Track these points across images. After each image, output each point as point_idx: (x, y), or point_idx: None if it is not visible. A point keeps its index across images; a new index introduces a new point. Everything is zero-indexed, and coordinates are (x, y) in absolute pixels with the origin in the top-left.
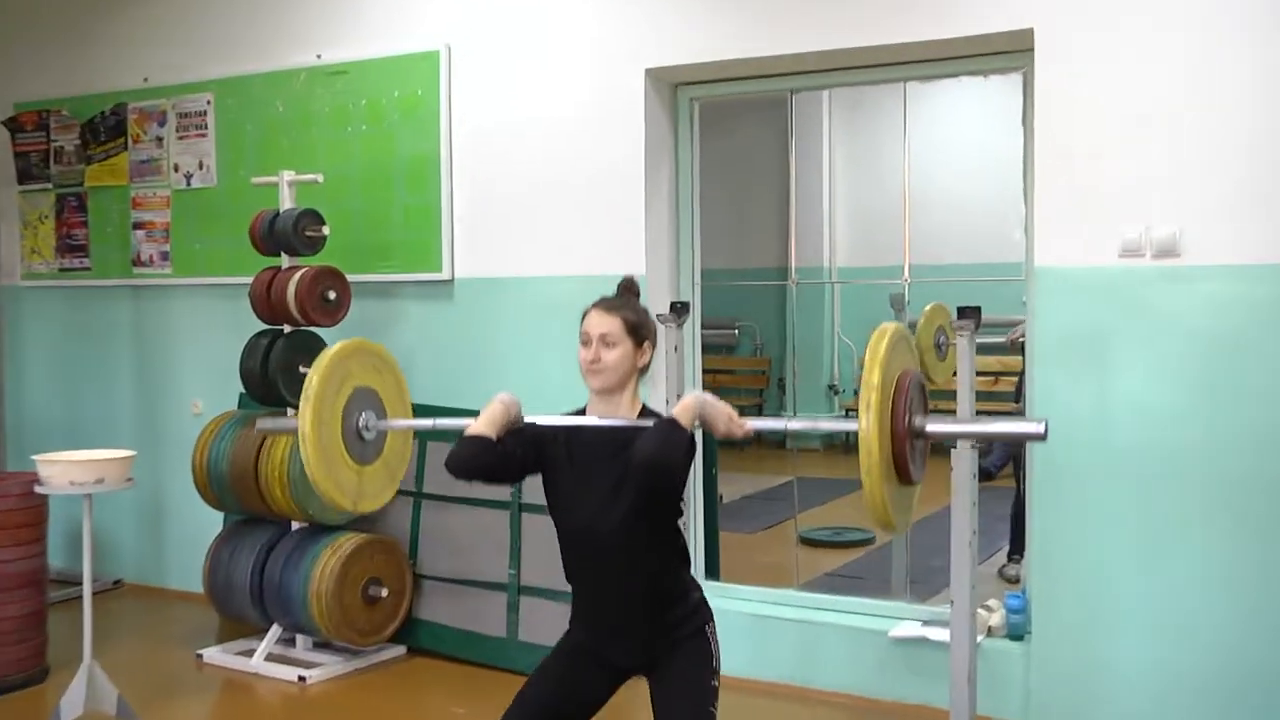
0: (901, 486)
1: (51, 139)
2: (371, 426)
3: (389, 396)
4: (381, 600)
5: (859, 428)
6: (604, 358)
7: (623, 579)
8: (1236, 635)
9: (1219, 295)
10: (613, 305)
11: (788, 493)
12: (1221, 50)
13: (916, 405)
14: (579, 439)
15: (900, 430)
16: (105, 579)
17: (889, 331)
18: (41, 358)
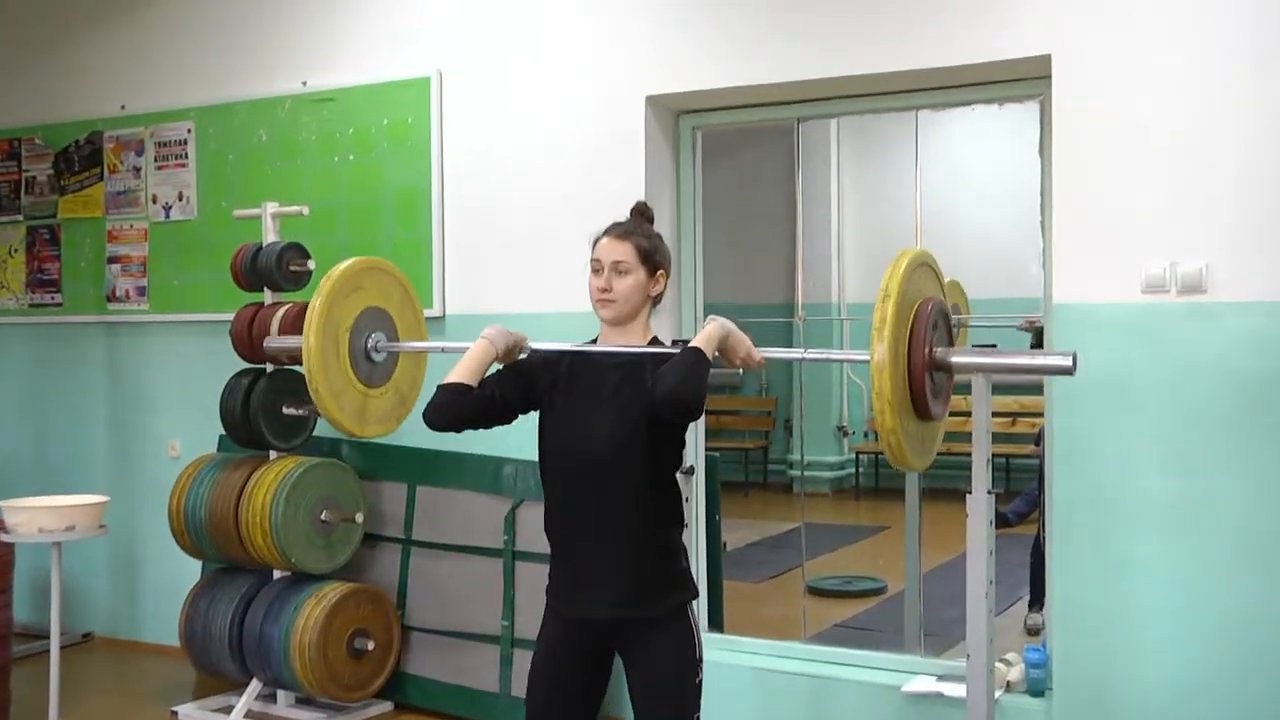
0: (920, 422)
1: (23, 168)
2: (381, 348)
3: (403, 321)
4: (368, 653)
5: (871, 357)
6: (616, 287)
7: (611, 511)
8: (1269, 694)
9: (1250, 333)
10: (625, 231)
11: (795, 540)
12: (1250, 77)
13: (939, 336)
14: (585, 364)
15: (918, 360)
16: (74, 632)
17: (909, 255)
18: (9, 398)
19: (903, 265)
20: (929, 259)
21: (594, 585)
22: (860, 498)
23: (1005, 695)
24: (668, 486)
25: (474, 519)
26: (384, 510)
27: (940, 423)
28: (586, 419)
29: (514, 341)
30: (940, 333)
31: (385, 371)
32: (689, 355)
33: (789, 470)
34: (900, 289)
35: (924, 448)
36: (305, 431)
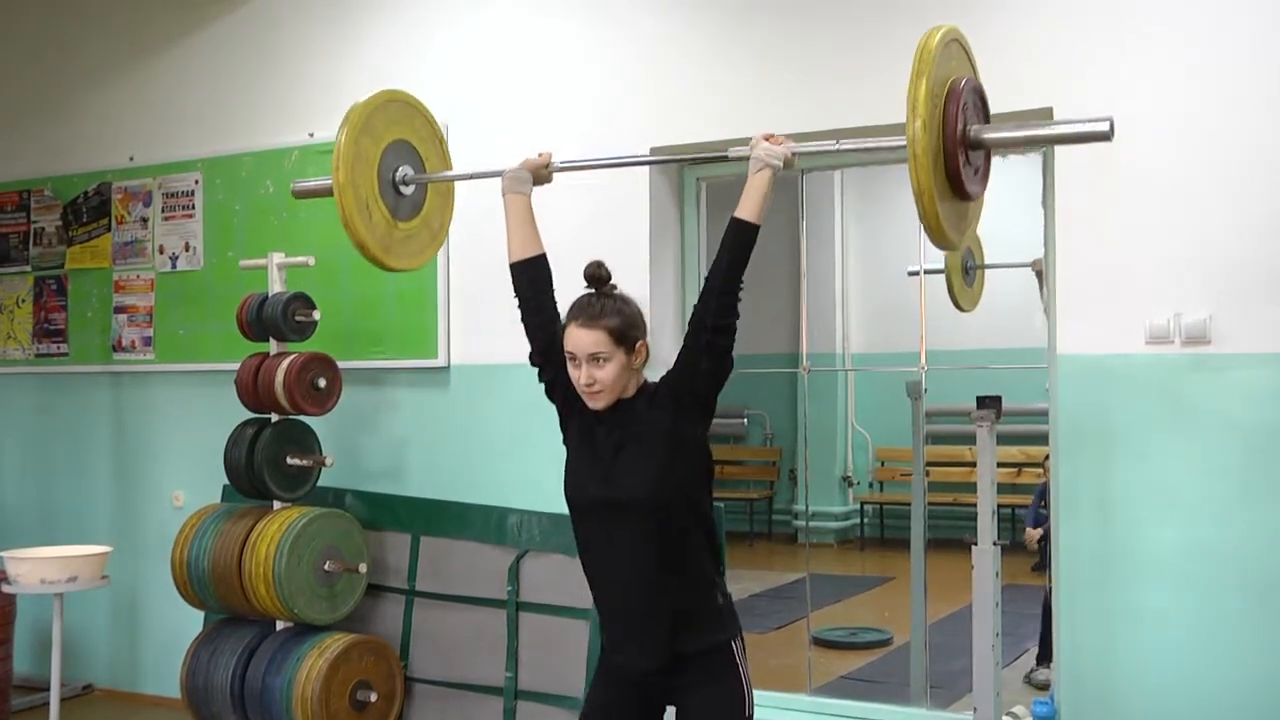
0: (957, 202)
1: (31, 219)
2: (409, 180)
3: (428, 153)
4: (370, 705)
5: (906, 134)
6: (598, 378)
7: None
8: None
9: (1255, 385)
10: (591, 316)
11: (800, 590)
12: (1252, 127)
13: (973, 112)
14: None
15: (953, 135)
16: (75, 684)
17: (941, 30)
18: (13, 448)
19: (934, 40)
20: (959, 35)
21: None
22: (865, 548)
23: None
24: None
25: (478, 570)
26: (387, 561)
27: (976, 204)
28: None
29: (530, 171)
30: (974, 109)
31: (414, 206)
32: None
33: (794, 520)
34: (932, 67)
35: (959, 224)
36: (309, 482)
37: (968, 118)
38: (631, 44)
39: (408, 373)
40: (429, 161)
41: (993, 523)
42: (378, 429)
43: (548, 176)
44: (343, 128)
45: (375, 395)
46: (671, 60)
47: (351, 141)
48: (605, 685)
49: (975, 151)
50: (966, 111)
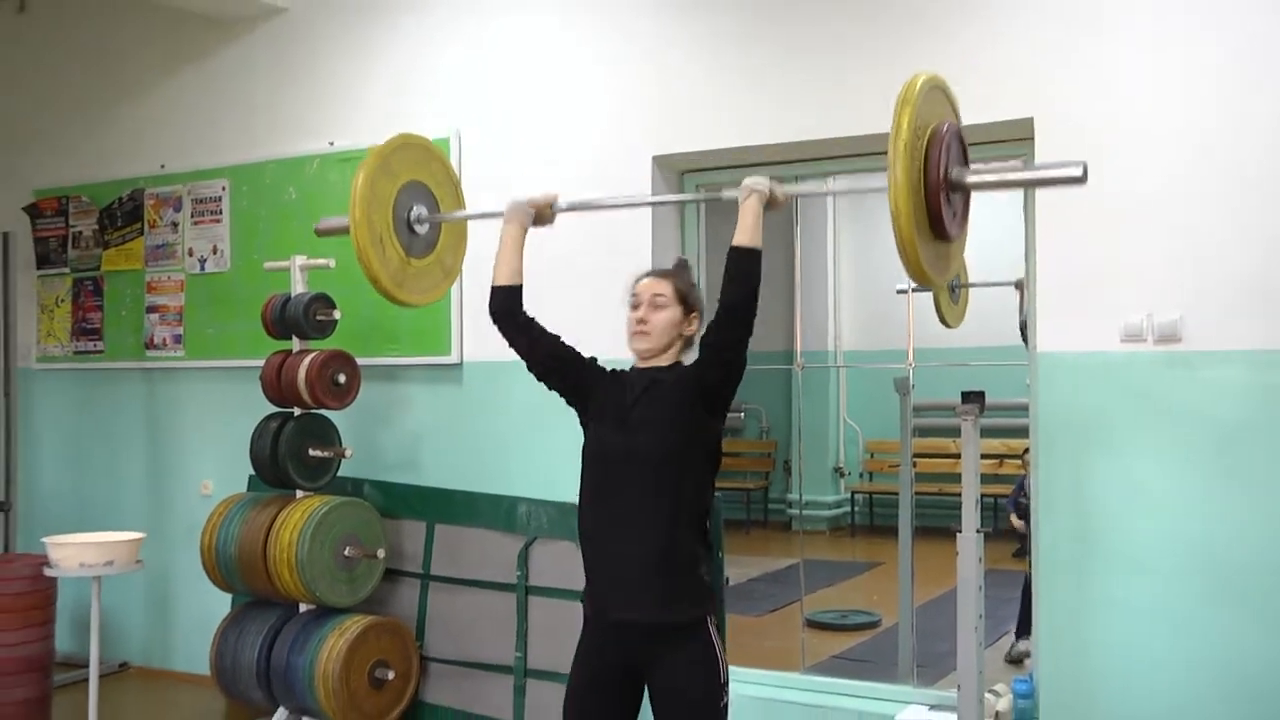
0: (938, 242)
1: (70, 224)
2: (423, 220)
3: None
4: (388, 683)
5: (887, 179)
6: (651, 319)
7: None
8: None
9: (1224, 381)
10: (666, 272)
11: (794, 575)
12: (1222, 137)
13: (955, 156)
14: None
15: (933, 180)
16: (111, 662)
17: (921, 78)
18: (54, 439)
19: (916, 88)
20: (941, 82)
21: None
22: (856, 535)
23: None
24: (703, 489)
25: (489, 555)
26: (404, 547)
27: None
28: (627, 420)
29: (536, 209)
30: (955, 154)
31: (427, 244)
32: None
33: (788, 509)
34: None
35: (940, 265)
36: (330, 472)
37: (949, 161)
38: (635, 56)
39: (422, 369)
40: (444, 203)
41: (976, 511)
42: (394, 423)
43: (551, 217)
44: (360, 169)
45: (392, 390)
46: (673, 71)
47: (369, 182)
48: (585, 663)
49: (955, 194)
50: (948, 155)
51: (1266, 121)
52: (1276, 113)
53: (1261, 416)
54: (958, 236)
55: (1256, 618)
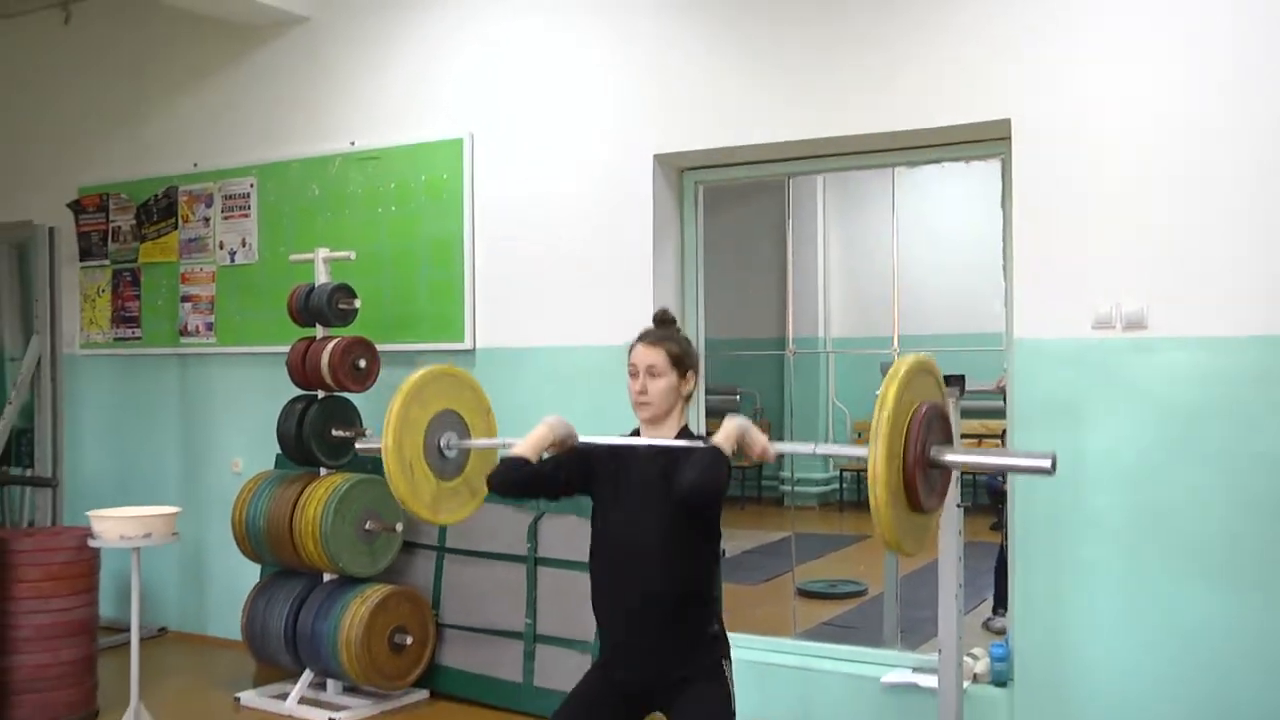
0: (914, 514)
1: (110, 219)
2: (453, 445)
3: (474, 421)
4: (406, 648)
5: (869, 454)
6: (650, 390)
7: (650, 587)
8: (1207, 684)
9: (1185, 365)
10: (657, 338)
11: (786, 548)
12: (1186, 140)
13: (935, 435)
14: (630, 456)
15: (912, 458)
16: (151, 627)
17: (906, 364)
18: (96, 421)
19: (898, 378)
20: (928, 364)
21: (634, 655)
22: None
23: (972, 686)
24: (703, 564)
25: (500, 529)
26: (420, 521)
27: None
28: (634, 507)
29: (567, 433)
30: (935, 433)
31: (458, 466)
32: (708, 453)
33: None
34: (895, 401)
35: (918, 536)
36: (351, 451)
37: (928, 440)
38: (637, 58)
39: (438, 355)
40: (474, 429)
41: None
42: None
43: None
44: (396, 396)
45: (409, 374)
46: (673, 73)
47: (403, 408)
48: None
49: (934, 470)
50: (929, 434)
51: (1227, 124)
52: (1236, 116)
53: (1217, 397)
54: (934, 509)
55: (1212, 582)
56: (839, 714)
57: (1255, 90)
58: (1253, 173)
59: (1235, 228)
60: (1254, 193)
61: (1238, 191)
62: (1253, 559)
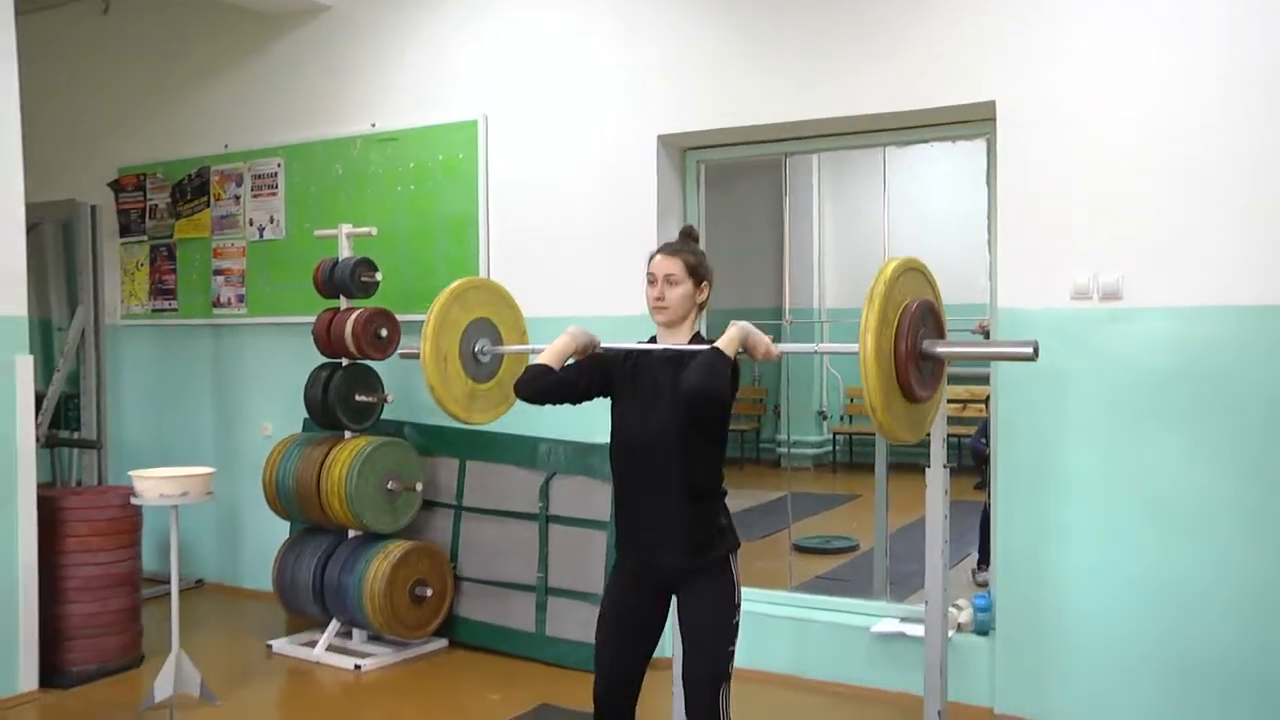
0: (910, 403)
1: (147, 198)
2: (486, 350)
3: (507, 328)
4: (426, 600)
5: (859, 346)
6: (667, 296)
7: (665, 479)
8: (1177, 633)
9: (1158, 334)
10: (676, 249)
11: (782, 506)
12: (1159, 122)
13: (926, 330)
14: (645, 361)
15: (903, 351)
16: (189, 579)
17: (895, 261)
18: (137, 387)
19: (889, 270)
20: (918, 264)
21: (653, 540)
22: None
23: (956, 634)
24: (712, 461)
25: (514, 489)
26: (439, 481)
27: (930, 403)
28: (647, 408)
29: (589, 341)
30: (928, 327)
31: (491, 370)
32: (709, 355)
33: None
34: (884, 294)
35: (913, 423)
36: (374, 415)
37: (919, 335)
38: (641, 41)
39: None
40: (505, 331)
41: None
42: None
43: (587, 352)
44: (438, 299)
45: None
46: (677, 58)
47: (443, 308)
48: (622, 577)
49: (926, 361)
50: (920, 328)
51: (1201, 110)
52: (1211, 97)
53: (1187, 363)
54: (928, 399)
55: (1182, 537)
56: (832, 661)
57: (1228, 79)
58: (1224, 155)
59: (1205, 206)
60: (1223, 174)
61: (1209, 172)
62: (1221, 515)
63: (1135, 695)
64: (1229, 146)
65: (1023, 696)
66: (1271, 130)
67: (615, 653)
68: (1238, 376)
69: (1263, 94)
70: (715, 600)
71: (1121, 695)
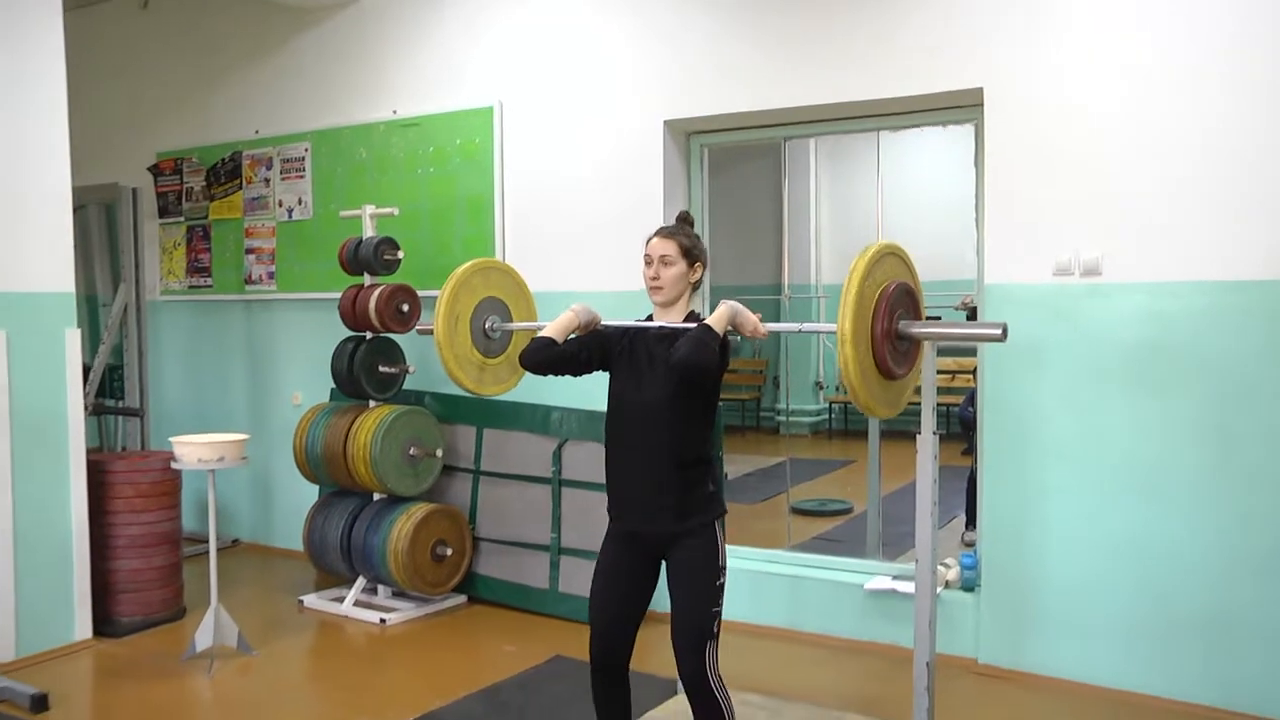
0: (886, 380)
1: (184, 181)
2: (496, 327)
3: (516, 305)
4: (446, 558)
5: (837, 324)
6: (662, 275)
7: (656, 447)
8: (1149, 587)
9: (1134, 308)
10: (671, 232)
11: (781, 471)
12: (1137, 106)
13: (903, 311)
14: (641, 337)
15: (879, 330)
16: (225, 538)
17: (875, 246)
18: (175, 359)
19: (868, 255)
20: (897, 249)
21: (643, 505)
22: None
23: (945, 591)
24: (701, 430)
25: (529, 454)
26: (458, 447)
27: (907, 380)
28: (641, 380)
29: (592, 318)
30: (904, 308)
31: (501, 345)
32: (699, 330)
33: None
34: (862, 277)
35: (890, 399)
36: (396, 385)
37: (895, 316)
38: (650, 33)
39: None
40: (516, 313)
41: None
42: None
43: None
44: (447, 284)
45: None
46: (683, 47)
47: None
48: (614, 542)
49: (902, 340)
50: (895, 310)
51: (1176, 96)
52: (1184, 86)
53: (1163, 336)
54: (903, 376)
55: (1154, 497)
56: (827, 616)
57: (1198, 74)
58: (1198, 140)
59: (1180, 187)
60: (1198, 159)
61: (1184, 155)
62: (1188, 476)
63: (1111, 647)
64: (1200, 133)
65: (1005, 648)
66: (1238, 120)
67: (607, 613)
68: (1204, 347)
69: (1231, 87)
70: (701, 563)
71: (1097, 646)
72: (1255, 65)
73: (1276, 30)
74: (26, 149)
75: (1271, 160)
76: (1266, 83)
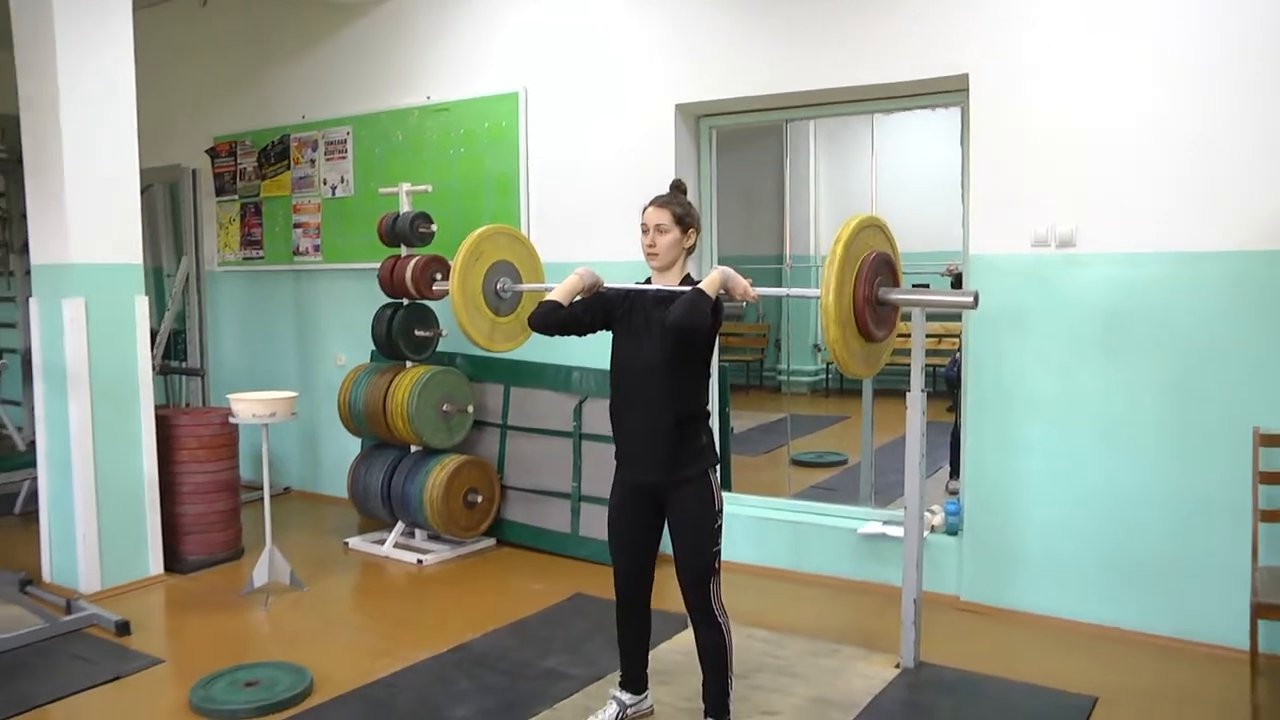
0: (866, 342)
1: (238, 162)
2: (507, 288)
3: (525, 268)
4: (477, 504)
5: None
6: (658, 243)
7: (654, 402)
8: (1120, 535)
9: (1106, 277)
10: (665, 201)
11: (782, 426)
12: (1112, 90)
13: (882, 279)
14: (640, 299)
15: (860, 296)
16: (278, 486)
17: (857, 218)
18: (231, 324)
19: (850, 226)
20: (878, 221)
21: (643, 456)
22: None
23: (931, 535)
24: (696, 387)
25: (552, 410)
26: (487, 404)
27: (885, 343)
28: (639, 340)
29: (595, 281)
30: (884, 276)
31: (511, 305)
32: (693, 294)
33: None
34: (845, 247)
35: (869, 360)
36: (430, 348)
37: (875, 283)
38: (663, 23)
39: None
40: (525, 276)
41: (921, 376)
42: None
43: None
44: (461, 248)
45: None
46: (694, 35)
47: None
48: (621, 490)
49: (882, 306)
50: (875, 278)
51: (1147, 80)
52: (1152, 74)
53: (1131, 303)
54: (883, 339)
55: (1123, 450)
56: (824, 558)
57: (1169, 57)
58: (1171, 123)
59: (1147, 167)
60: (1164, 141)
61: (1152, 137)
62: (1160, 433)
63: (1081, 585)
64: (1166, 118)
65: (985, 587)
66: (1201, 105)
67: (624, 555)
68: (1168, 313)
69: (1195, 75)
70: (699, 507)
71: (1070, 585)
72: (1218, 54)
73: (1239, 21)
74: (101, 136)
75: (1231, 142)
76: (1228, 71)
